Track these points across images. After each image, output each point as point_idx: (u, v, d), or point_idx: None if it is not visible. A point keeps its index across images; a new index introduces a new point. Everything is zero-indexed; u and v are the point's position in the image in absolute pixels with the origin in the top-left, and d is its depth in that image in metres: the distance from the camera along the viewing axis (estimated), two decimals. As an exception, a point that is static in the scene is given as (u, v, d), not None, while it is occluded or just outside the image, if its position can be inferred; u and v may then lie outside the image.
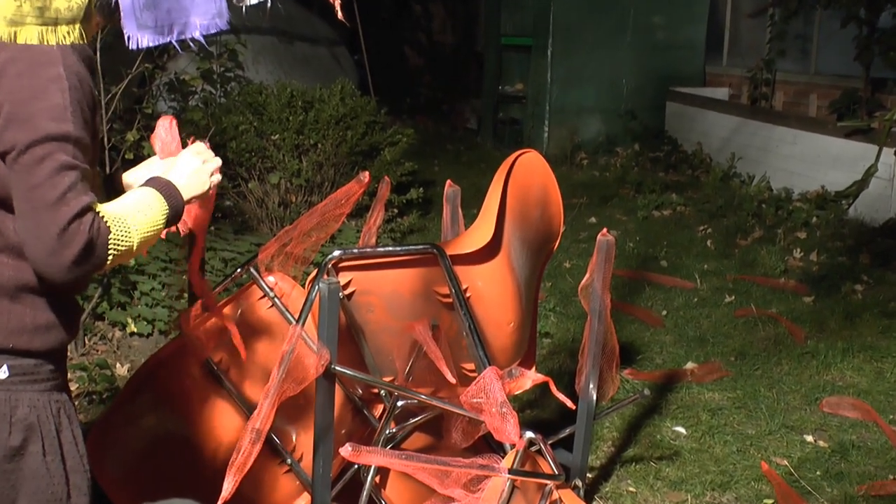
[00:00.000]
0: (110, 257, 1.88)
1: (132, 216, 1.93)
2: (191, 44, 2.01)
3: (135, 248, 1.93)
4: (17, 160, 1.80)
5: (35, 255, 1.81)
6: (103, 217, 1.87)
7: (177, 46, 2.02)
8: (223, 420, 3.02)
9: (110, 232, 1.87)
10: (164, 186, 2.04)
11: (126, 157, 5.59)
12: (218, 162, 2.21)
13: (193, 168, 2.14)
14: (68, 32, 1.87)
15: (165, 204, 2.01)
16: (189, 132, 7.08)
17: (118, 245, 1.88)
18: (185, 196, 2.09)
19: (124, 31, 1.96)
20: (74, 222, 1.80)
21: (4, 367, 1.88)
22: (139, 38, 1.95)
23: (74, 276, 1.83)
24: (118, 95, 5.55)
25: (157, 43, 1.93)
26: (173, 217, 2.03)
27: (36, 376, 1.92)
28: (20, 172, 1.80)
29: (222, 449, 2.93)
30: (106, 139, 5.41)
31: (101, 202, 1.91)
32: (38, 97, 1.81)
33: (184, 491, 2.94)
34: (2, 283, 1.87)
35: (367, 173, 3.24)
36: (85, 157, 1.87)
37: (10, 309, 1.88)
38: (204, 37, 1.95)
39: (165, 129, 2.32)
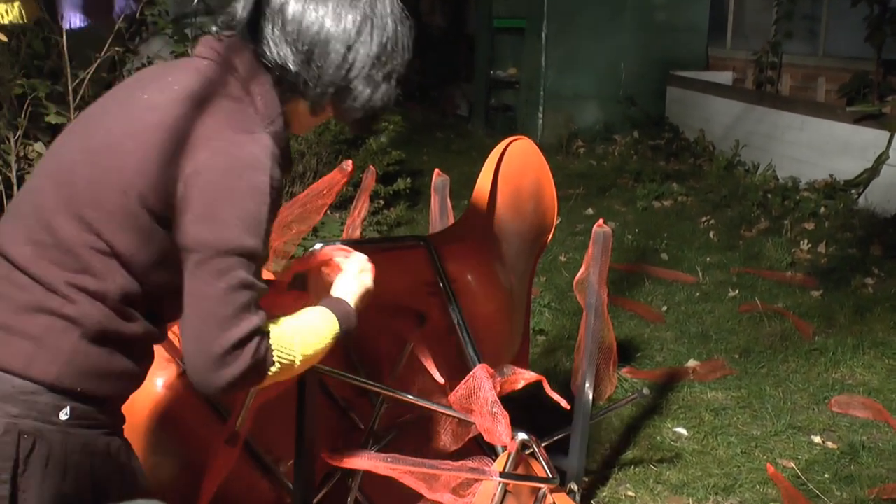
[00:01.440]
0: (267, 381, 1.92)
1: (301, 338, 1.98)
2: (124, 24, 2.04)
3: (296, 369, 1.98)
4: (199, 265, 1.82)
5: (191, 365, 1.85)
6: (270, 339, 1.90)
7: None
8: (199, 423, 3.01)
9: (273, 357, 1.90)
10: (342, 311, 2.11)
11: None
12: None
13: (365, 287, 2.24)
14: (6, 11, 1.89)
15: (338, 328, 2.07)
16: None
17: (279, 369, 1.92)
18: (356, 310, 2.17)
19: (59, 11, 1.98)
20: (239, 347, 1.83)
21: (67, 409, 1.87)
22: (72, 18, 1.99)
23: (225, 393, 1.88)
24: (86, 81, 5.53)
25: (86, 23, 1.95)
26: (342, 338, 2.09)
27: (95, 421, 1.92)
28: (198, 279, 1.83)
29: (198, 453, 2.93)
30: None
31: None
32: (236, 203, 1.83)
33: (157, 495, 2.93)
34: (87, 324, 1.87)
35: (350, 162, 3.23)
36: (262, 270, 1.91)
37: (88, 351, 1.88)
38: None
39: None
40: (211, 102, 1.90)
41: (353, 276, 2.24)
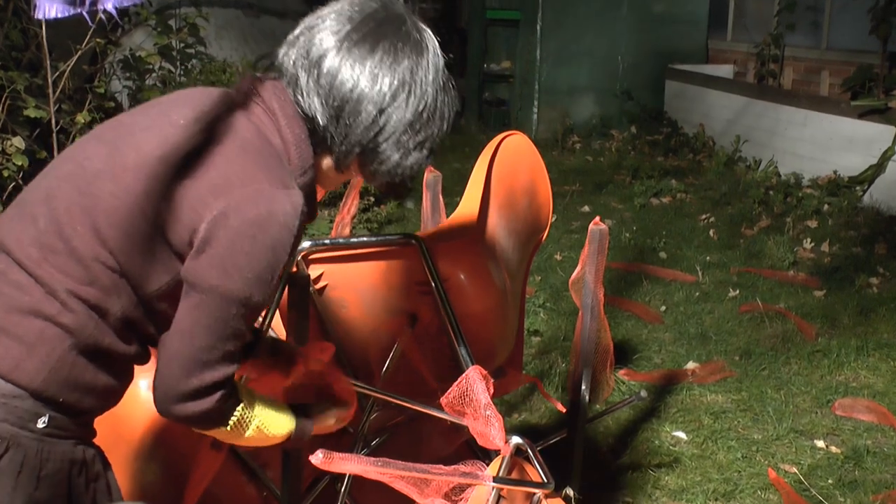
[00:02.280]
0: (213, 431, 2.01)
1: (261, 420, 2.07)
2: (107, 15, 2.02)
3: (240, 440, 2.06)
4: (200, 305, 1.87)
5: (161, 389, 1.92)
6: (239, 400, 2.01)
7: (87, 18, 2.01)
8: (183, 427, 3.02)
9: (233, 417, 2.00)
10: (301, 427, 2.19)
11: (76, 140, 5.56)
12: (350, 409, 2.41)
13: (331, 421, 2.35)
14: None
15: (290, 434, 2.16)
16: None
17: (229, 430, 2.01)
18: (312, 433, 2.26)
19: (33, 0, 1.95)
20: (212, 390, 1.91)
21: (45, 417, 1.87)
22: (47, 7, 1.95)
23: (177, 422, 1.96)
24: (67, 73, 5.53)
25: (66, 14, 1.92)
26: (287, 444, 2.19)
27: (69, 432, 1.94)
28: (195, 317, 1.87)
29: (184, 458, 2.93)
30: (54, 121, 5.40)
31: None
32: (256, 257, 1.86)
33: (141, 500, 2.94)
34: (81, 336, 1.88)
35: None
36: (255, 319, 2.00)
37: (75, 362, 1.88)
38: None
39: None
40: (249, 143, 1.91)
41: (332, 415, 2.35)
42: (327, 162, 2.05)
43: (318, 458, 2.24)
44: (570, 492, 3.33)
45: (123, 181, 1.87)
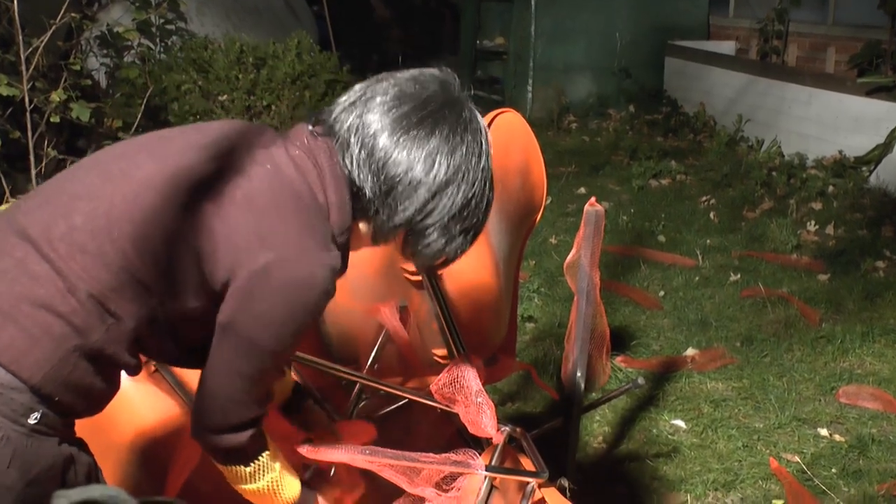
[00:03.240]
0: (228, 469, 2.12)
1: (279, 479, 2.17)
2: None
3: (247, 488, 2.15)
4: (237, 351, 1.97)
5: (198, 419, 2.07)
6: (266, 447, 2.13)
7: None
8: (168, 417, 3.02)
9: (256, 461, 2.12)
10: (306, 496, 2.27)
11: (52, 119, 5.55)
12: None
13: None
14: None
15: (293, 502, 2.23)
16: (123, 92, 7.06)
17: (250, 469, 2.12)
18: None
19: None
20: (242, 427, 2.05)
21: (38, 413, 1.89)
22: None
23: (207, 451, 2.12)
24: (40, 49, 5.51)
25: None
26: None
27: (56, 430, 1.96)
28: (231, 360, 1.98)
29: (167, 448, 2.94)
30: (27, 100, 5.38)
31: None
32: (292, 316, 1.95)
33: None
34: (89, 339, 1.90)
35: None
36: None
37: (77, 363, 1.90)
38: None
39: None
40: (301, 199, 1.96)
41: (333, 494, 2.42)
42: (364, 227, 2.09)
43: (304, 448, 2.25)
44: (564, 482, 3.34)
45: (170, 199, 1.91)
